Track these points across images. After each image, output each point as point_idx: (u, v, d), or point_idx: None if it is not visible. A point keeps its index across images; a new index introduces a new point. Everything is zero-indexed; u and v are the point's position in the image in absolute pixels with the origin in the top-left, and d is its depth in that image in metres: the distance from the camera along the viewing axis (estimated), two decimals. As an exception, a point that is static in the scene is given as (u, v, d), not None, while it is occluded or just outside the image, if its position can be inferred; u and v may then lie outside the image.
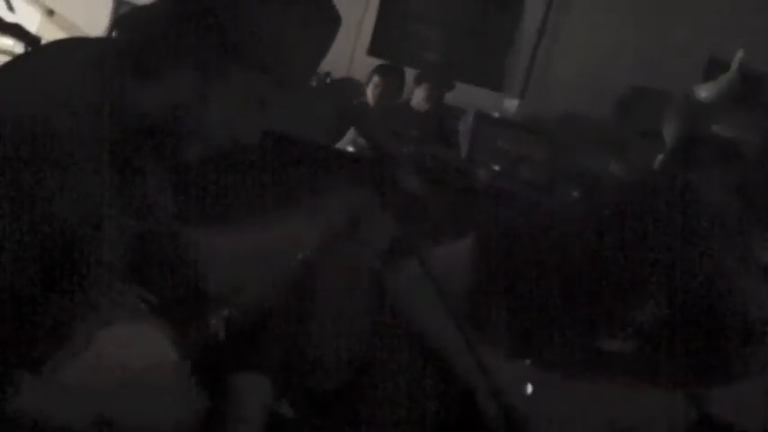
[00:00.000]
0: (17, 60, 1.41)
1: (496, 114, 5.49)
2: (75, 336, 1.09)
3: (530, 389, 1.74)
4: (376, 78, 5.11)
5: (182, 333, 1.38)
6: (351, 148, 4.41)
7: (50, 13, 5.13)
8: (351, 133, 4.59)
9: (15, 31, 4.33)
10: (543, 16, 6.17)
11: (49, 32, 4.82)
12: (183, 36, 1.27)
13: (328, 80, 5.01)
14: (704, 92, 4.89)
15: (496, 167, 4.47)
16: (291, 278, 1.68)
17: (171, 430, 1.29)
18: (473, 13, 6.38)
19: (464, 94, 5.59)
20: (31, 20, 5.00)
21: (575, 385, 1.74)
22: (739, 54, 4.82)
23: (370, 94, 5.07)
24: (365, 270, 1.92)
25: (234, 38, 1.31)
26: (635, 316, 1.76)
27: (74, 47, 1.39)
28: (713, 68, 5.12)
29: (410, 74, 5.30)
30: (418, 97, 5.30)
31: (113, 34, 1.36)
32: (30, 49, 4.13)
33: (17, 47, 4.26)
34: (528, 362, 1.77)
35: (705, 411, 1.67)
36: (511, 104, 5.83)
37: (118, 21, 1.41)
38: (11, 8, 4.99)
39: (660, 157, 3.80)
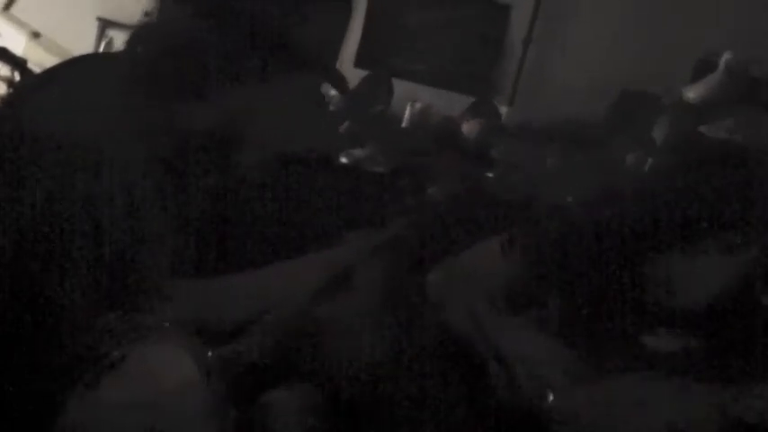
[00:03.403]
0: (50, 77, 1.37)
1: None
2: (112, 352, 1.07)
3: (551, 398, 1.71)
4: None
5: (210, 352, 1.37)
6: (344, 159, 4.36)
7: (36, 35, 5.11)
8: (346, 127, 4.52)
9: (1, 54, 4.30)
10: (529, 26, 6.18)
11: (34, 55, 4.80)
12: (222, 49, 1.25)
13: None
14: (692, 93, 4.92)
15: (489, 175, 4.45)
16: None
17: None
18: (459, 23, 6.39)
19: (451, 103, 5.59)
20: (17, 42, 4.99)
21: (624, 381, 1.70)
22: (726, 55, 4.84)
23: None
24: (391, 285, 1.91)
25: (279, 40, 1.28)
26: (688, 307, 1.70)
27: (103, 66, 1.36)
28: (701, 70, 5.14)
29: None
30: (471, 130, 5.18)
31: (138, 50, 1.33)
32: (19, 69, 4.10)
33: (2, 69, 4.23)
34: (575, 357, 1.72)
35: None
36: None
37: (138, 36, 1.38)
38: (-5, 31, 4.97)
39: (650, 160, 3.81)
